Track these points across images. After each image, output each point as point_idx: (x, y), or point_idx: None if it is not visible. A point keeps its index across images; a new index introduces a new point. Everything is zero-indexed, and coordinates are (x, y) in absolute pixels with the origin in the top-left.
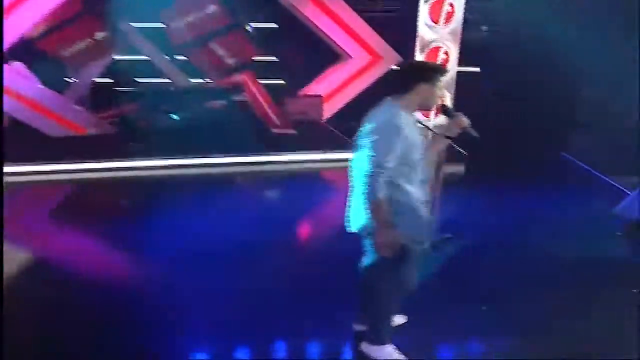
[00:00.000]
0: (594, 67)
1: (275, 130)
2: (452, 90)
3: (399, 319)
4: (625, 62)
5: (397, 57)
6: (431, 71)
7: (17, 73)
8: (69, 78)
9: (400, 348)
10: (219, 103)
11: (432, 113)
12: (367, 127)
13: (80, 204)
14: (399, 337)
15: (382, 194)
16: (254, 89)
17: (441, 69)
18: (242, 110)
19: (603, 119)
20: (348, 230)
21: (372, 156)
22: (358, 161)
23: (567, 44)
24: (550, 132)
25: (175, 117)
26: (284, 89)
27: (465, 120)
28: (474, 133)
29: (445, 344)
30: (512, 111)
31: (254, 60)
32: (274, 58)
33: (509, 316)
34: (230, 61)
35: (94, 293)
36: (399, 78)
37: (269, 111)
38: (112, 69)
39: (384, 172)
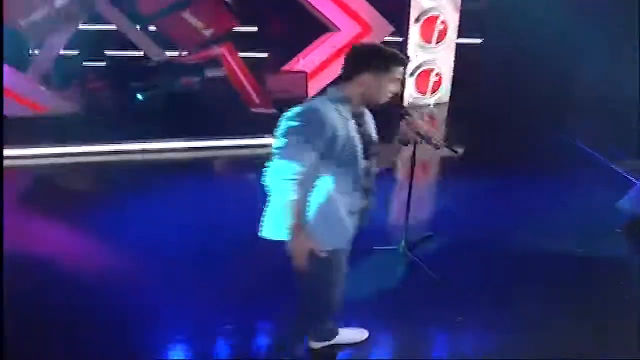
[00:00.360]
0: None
1: (254, 110)
2: (451, 66)
3: (357, 335)
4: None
5: (390, 28)
6: (379, 58)
7: None
8: (32, 51)
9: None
10: (193, 79)
11: (429, 90)
12: (285, 118)
13: (39, 192)
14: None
15: (296, 196)
16: (232, 63)
17: (395, 57)
18: (219, 88)
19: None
20: (261, 235)
21: (286, 152)
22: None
23: (575, 15)
24: (553, 112)
25: (140, 96)
26: (265, 64)
27: (421, 123)
28: (435, 140)
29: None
30: (516, 87)
31: (232, 31)
32: (254, 28)
33: (497, 318)
34: (206, 32)
35: (58, 286)
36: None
37: (249, 88)
38: (77, 41)
39: (299, 171)
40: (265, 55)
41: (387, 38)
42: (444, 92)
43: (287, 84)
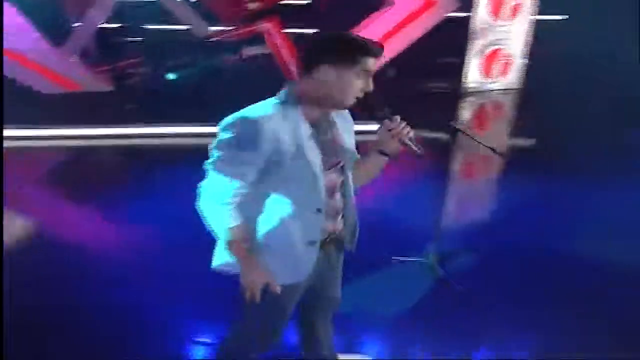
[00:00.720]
0: None
1: None
2: (524, 46)
3: None
4: None
5: (455, 2)
6: (342, 47)
7: (10, 22)
8: (70, 24)
9: None
10: (234, 57)
11: (495, 73)
12: (219, 127)
13: (67, 176)
14: None
15: (235, 222)
16: (277, 40)
17: (362, 45)
18: (260, 66)
19: None
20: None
21: (217, 171)
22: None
23: None
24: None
25: (172, 76)
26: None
27: (405, 131)
28: (418, 149)
29: None
30: (602, 75)
31: (280, 4)
32: (304, 1)
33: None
34: (252, 5)
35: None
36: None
37: (294, 68)
38: (118, 14)
39: (235, 193)
40: (314, 31)
41: (451, 14)
42: (514, 77)
43: None
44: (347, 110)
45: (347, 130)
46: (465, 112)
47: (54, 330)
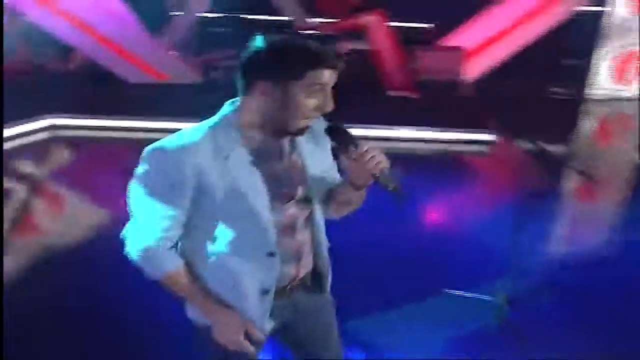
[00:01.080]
0: None
1: (392, 93)
2: None
3: None
4: None
5: None
6: (283, 56)
7: (108, 9)
8: (171, 12)
9: None
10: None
11: (629, 78)
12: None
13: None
14: None
15: (170, 265)
16: (380, 36)
17: (310, 53)
18: (354, 63)
19: None
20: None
21: (136, 210)
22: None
23: None
24: None
25: None
26: (416, 36)
27: (373, 163)
28: (392, 187)
29: None
30: None
31: None
32: None
33: None
34: None
35: None
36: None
37: (393, 65)
38: (217, 3)
39: (160, 236)
40: (422, 25)
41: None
42: None
43: (437, 62)
44: (321, 125)
45: (318, 150)
46: (588, 122)
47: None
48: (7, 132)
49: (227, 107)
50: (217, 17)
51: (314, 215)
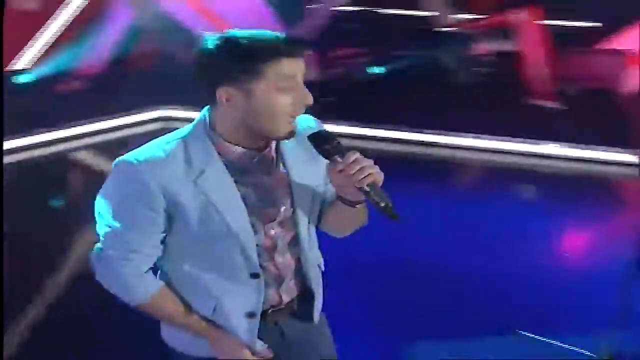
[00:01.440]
0: None
1: (537, 102)
2: None
3: None
4: None
5: None
6: (235, 53)
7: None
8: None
9: None
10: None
11: None
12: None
13: None
14: None
15: (152, 287)
16: (532, 36)
17: (261, 47)
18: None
19: None
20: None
21: (103, 231)
22: None
23: None
24: None
25: (376, 69)
26: (573, 37)
27: (360, 175)
28: (381, 202)
29: None
30: None
31: None
32: None
33: None
34: None
35: None
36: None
37: (542, 70)
38: None
39: (137, 256)
40: (581, 24)
41: None
42: None
43: (593, 68)
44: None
45: (310, 163)
46: None
47: None
48: (118, 122)
49: (203, 112)
50: (354, 11)
51: (300, 236)
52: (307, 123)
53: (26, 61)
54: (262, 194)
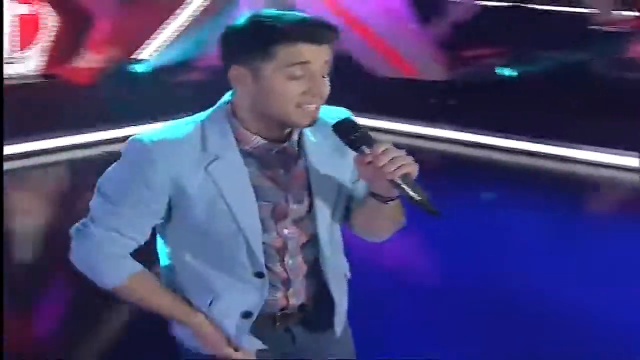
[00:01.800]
0: None
1: None
2: None
3: None
4: None
5: None
6: (248, 35)
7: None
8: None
9: None
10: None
11: None
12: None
13: None
14: None
15: (131, 268)
16: None
17: (279, 29)
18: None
19: None
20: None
21: (96, 210)
22: None
23: None
24: None
25: (505, 72)
26: None
27: (391, 166)
28: (417, 195)
29: None
30: None
31: None
32: None
33: None
34: None
35: None
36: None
37: None
38: None
39: (127, 242)
40: None
41: None
42: None
43: None
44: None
45: (335, 156)
46: None
47: None
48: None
49: (226, 96)
50: (499, 6)
51: (319, 237)
52: (339, 115)
53: (151, 51)
54: (278, 189)
